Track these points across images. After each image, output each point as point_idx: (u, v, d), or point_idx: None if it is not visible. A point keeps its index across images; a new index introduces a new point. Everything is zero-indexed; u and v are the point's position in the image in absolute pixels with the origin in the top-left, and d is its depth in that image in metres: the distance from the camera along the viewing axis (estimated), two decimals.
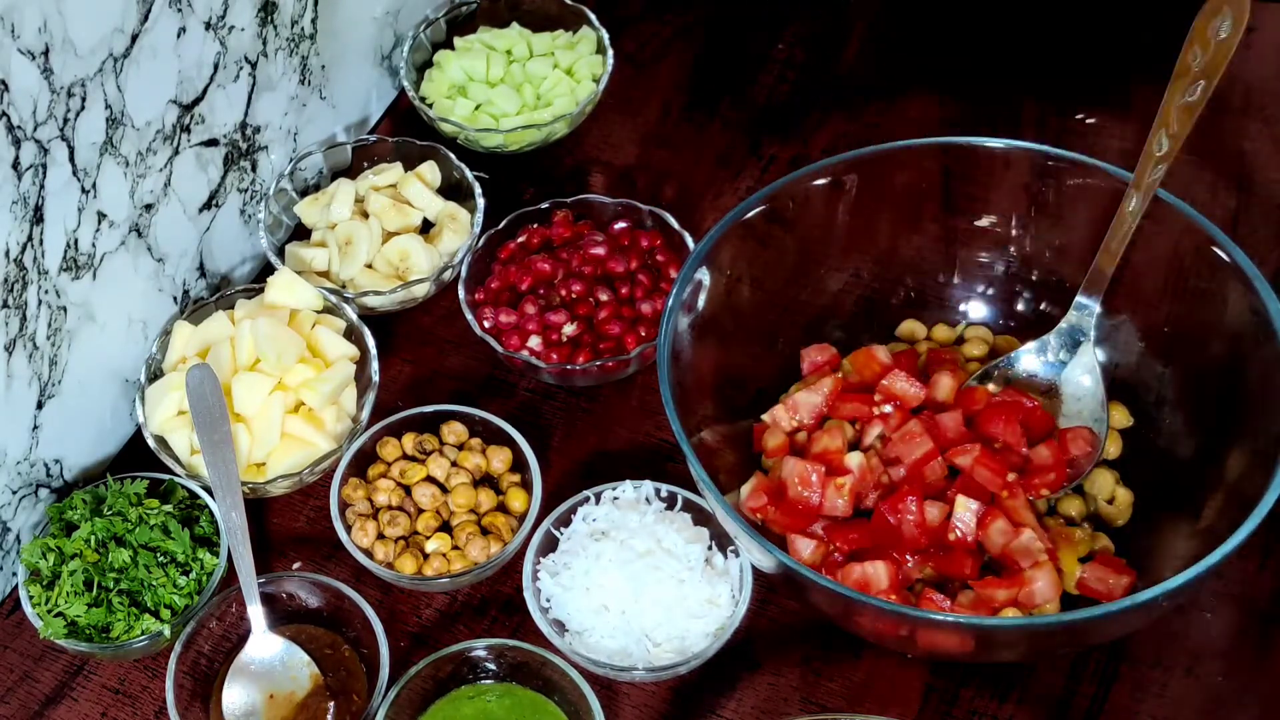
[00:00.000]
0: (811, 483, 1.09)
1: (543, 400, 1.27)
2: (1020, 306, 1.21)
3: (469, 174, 1.35)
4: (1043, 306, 1.20)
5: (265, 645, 1.10)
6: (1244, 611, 1.10)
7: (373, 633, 1.08)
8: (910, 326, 1.23)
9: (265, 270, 1.35)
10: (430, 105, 1.43)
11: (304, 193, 1.37)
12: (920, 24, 1.53)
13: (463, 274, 1.28)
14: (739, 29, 1.53)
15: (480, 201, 1.33)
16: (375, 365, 1.22)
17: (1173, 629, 1.09)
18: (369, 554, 1.14)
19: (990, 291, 1.22)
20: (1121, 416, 1.15)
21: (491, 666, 1.08)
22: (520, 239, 1.31)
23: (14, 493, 1.15)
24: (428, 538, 1.15)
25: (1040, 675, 1.08)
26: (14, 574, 1.17)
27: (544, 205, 1.33)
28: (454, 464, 1.18)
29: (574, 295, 1.26)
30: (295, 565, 1.18)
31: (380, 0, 1.42)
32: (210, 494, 1.15)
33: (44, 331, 1.12)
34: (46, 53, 1.03)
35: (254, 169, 1.32)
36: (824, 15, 1.54)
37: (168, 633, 1.09)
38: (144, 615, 1.10)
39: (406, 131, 1.44)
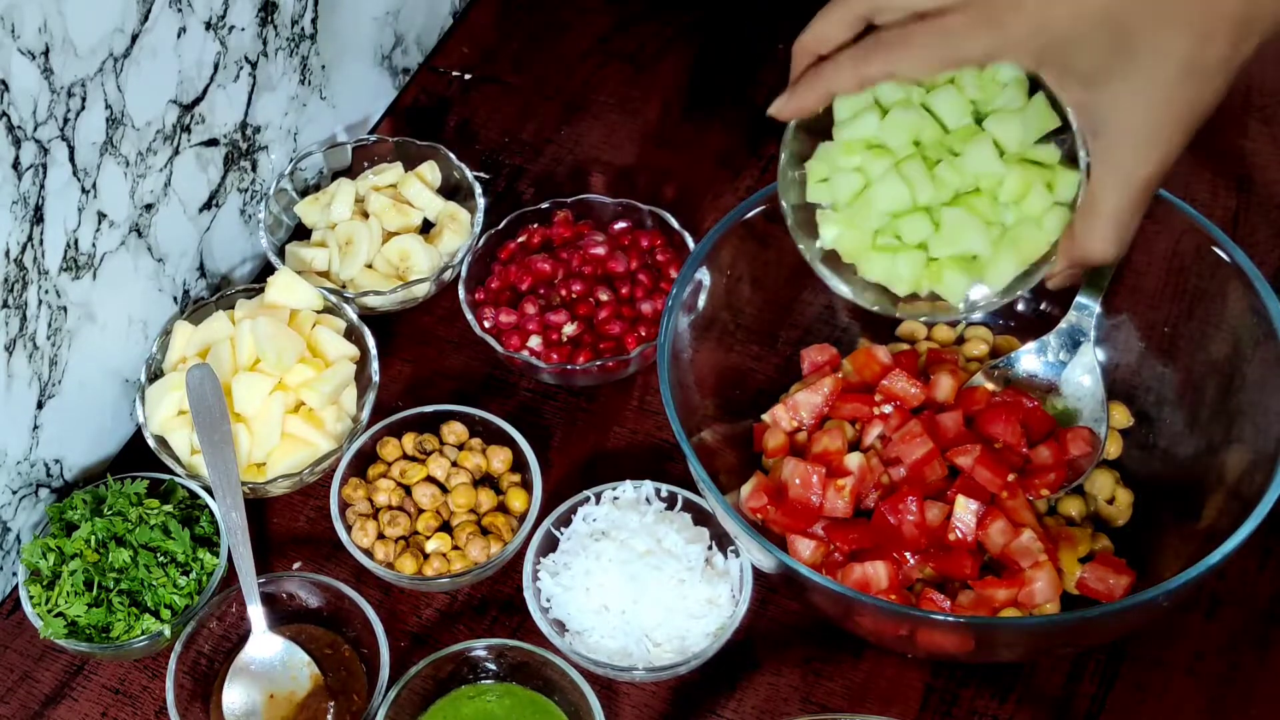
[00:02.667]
0: (812, 484, 1.09)
1: (543, 400, 1.27)
2: (1020, 306, 1.21)
3: (469, 174, 1.35)
4: (1043, 306, 1.20)
5: (265, 645, 1.10)
6: (1244, 611, 1.10)
7: (373, 633, 1.08)
8: (910, 326, 1.23)
9: (265, 270, 1.35)
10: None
11: (304, 193, 1.37)
12: None
13: (463, 274, 1.28)
14: (739, 29, 1.53)
15: (480, 201, 1.33)
16: (375, 365, 1.22)
17: (1173, 629, 1.09)
18: (369, 554, 1.14)
19: None
20: (1121, 416, 1.15)
21: (491, 666, 1.08)
22: (520, 239, 1.31)
23: (14, 493, 1.15)
24: (428, 538, 1.15)
25: (1040, 675, 1.08)
26: (14, 574, 1.17)
27: (544, 205, 1.33)
28: (454, 464, 1.18)
29: (574, 295, 1.26)
30: (295, 565, 1.18)
31: (380, 0, 1.42)
32: (210, 494, 1.15)
33: (44, 331, 1.12)
34: (46, 53, 1.03)
35: (254, 169, 1.32)
36: None
37: (168, 633, 1.09)
38: (144, 615, 1.10)
39: (406, 131, 1.44)
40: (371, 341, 1.23)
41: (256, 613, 1.10)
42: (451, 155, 1.36)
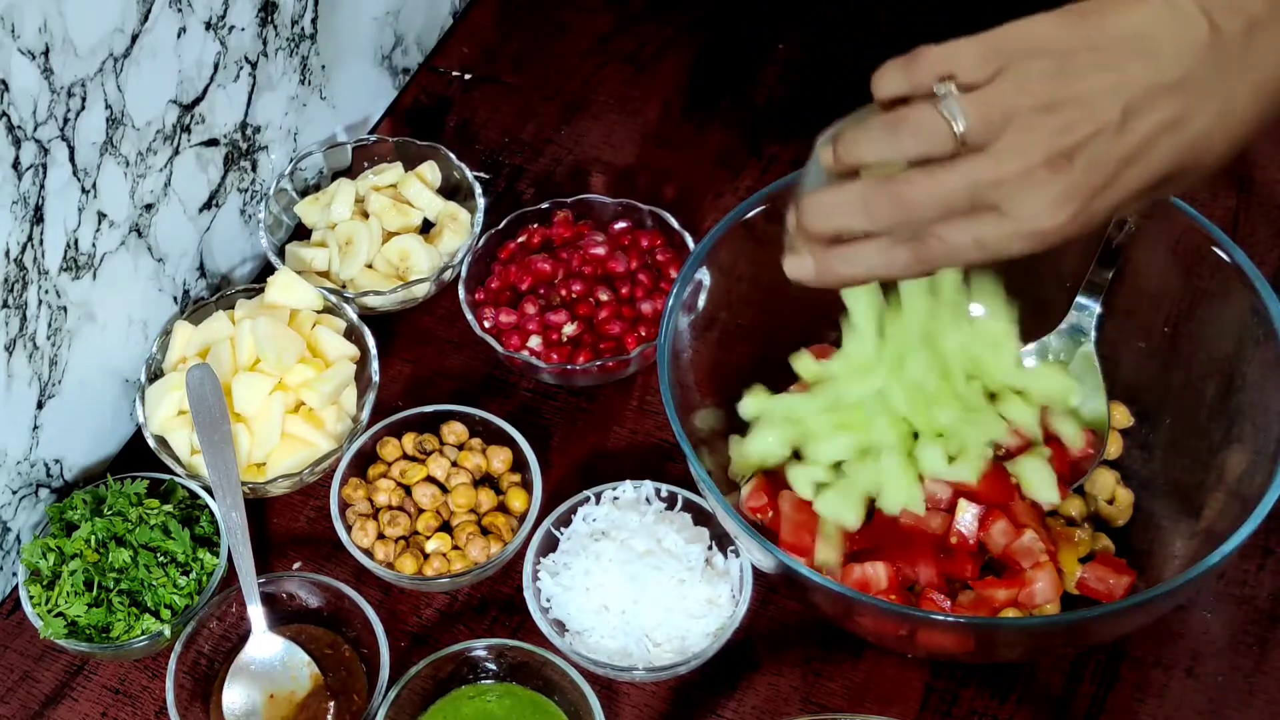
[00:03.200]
0: None
1: (543, 400, 1.27)
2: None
3: (469, 174, 1.35)
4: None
5: (265, 645, 1.10)
6: (1244, 611, 1.10)
7: (373, 633, 1.08)
8: None
9: (265, 270, 1.35)
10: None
11: (304, 193, 1.37)
12: (920, 22, 1.52)
13: (463, 274, 1.28)
14: (739, 29, 1.53)
15: (480, 201, 1.33)
16: (375, 365, 1.22)
17: (1173, 629, 1.09)
18: (369, 554, 1.14)
19: None
20: (1121, 416, 1.15)
21: (491, 666, 1.08)
22: (520, 239, 1.32)
23: (14, 493, 1.15)
24: (428, 538, 1.15)
25: (1040, 675, 1.08)
26: (14, 574, 1.17)
27: (544, 205, 1.33)
28: (454, 464, 1.18)
29: (574, 295, 1.26)
30: (295, 565, 1.18)
31: (380, 0, 1.42)
32: (210, 494, 1.15)
33: (44, 331, 1.12)
34: (46, 53, 1.03)
35: (254, 169, 1.32)
36: (824, 15, 1.54)
37: (168, 633, 1.09)
38: (144, 615, 1.10)
39: (406, 131, 1.44)
40: (371, 341, 1.23)
41: (256, 613, 1.10)
42: (451, 155, 1.36)
